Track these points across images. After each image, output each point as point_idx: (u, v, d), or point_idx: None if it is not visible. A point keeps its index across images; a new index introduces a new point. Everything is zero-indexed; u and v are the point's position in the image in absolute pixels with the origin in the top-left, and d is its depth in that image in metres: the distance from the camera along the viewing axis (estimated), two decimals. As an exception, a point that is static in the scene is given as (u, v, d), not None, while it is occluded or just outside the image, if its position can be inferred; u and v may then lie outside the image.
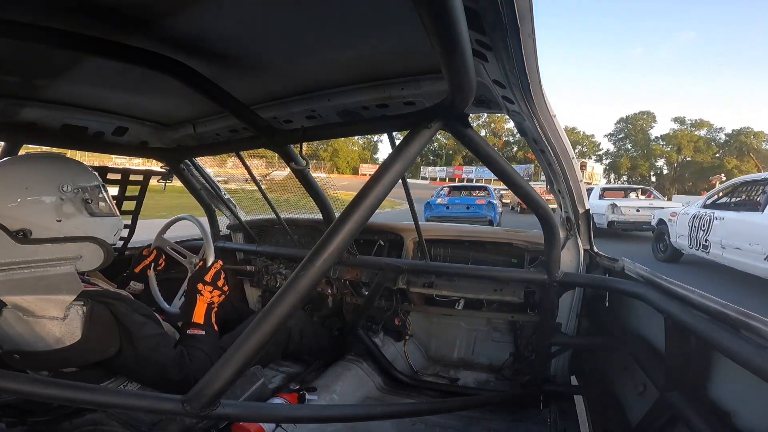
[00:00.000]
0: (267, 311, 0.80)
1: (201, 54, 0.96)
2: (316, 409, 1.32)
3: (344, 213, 0.84)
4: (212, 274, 1.38)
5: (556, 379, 1.80)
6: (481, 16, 0.62)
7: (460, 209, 10.89)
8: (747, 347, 0.78)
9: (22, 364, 1.01)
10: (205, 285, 1.35)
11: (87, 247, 1.10)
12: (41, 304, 0.97)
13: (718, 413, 0.92)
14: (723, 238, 5.07)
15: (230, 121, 1.45)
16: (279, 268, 2.16)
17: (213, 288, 1.36)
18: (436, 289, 1.77)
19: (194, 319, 1.31)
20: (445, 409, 1.51)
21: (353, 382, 1.74)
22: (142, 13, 0.79)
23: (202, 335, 1.28)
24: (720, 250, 5.12)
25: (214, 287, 1.36)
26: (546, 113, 0.98)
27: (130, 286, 1.56)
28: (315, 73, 1.10)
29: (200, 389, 0.79)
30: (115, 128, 1.52)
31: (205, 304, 1.34)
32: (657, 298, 1.10)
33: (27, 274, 0.99)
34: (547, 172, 1.39)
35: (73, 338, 0.99)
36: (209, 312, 1.34)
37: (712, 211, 5.40)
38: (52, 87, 1.19)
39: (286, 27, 0.84)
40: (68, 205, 1.10)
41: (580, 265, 1.66)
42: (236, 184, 5.22)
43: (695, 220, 5.65)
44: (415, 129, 0.90)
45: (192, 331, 1.28)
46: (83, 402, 0.85)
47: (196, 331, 1.28)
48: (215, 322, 1.35)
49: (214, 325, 1.35)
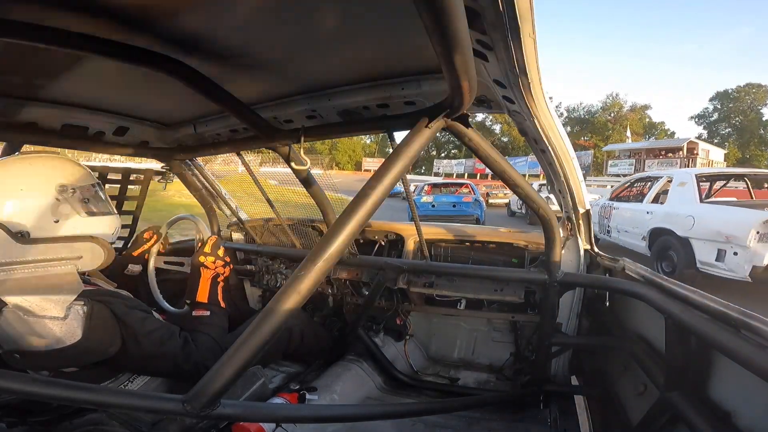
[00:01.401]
0: (267, 311, 0.80)
1: (201, 54, 0.95)
2: (317, 408, 1.31)
3: (345, 213, 0.84)
4: (211, 245, 1.36)
5: (557, 379, 1.80)
6: (481, 15, 0.62)
7: (446, 207, 10.35)
8: (748, 347, 0.78)
9: (23, 364, 1.01)
10: (206, 256, 1.33)
11: (87, 246, 1.10)
12: (42, 303, 0.97)
13: (719, 413, 0.92)
14: (618, 224, 6.43)
15: (231, 121, 1.45)
16: (279, 268, 2.16)
17: (215, 258, 1.34)
18: (437, 289, 1.77)
19: (198, 298, 1.28)
20: (446, 409, 1.51)
21: (353, 382, 1.74)
22: (142, 12, 0.79)
23: (206, 316, 1.26)
24: (617, 234, 6.49)
25: (216, 257, 1.34)
26: (547, 113, 0.98)
27: (128, 268, 1.56)
28: (315, 72, 1.10)
29: (200, 389, 0.79)
30: (116, 128, 1.52)
31: (209, 279, 1.31)
32: (657, 298, 1.10)
33: (27, 274, 0.99)
34: (548, 172, 1.39)
35: (74, 338, 0.99)
36: (214, 287, 1.31)
37: (612, 203, 6.79)
38: (52, 87, 1.19)
39: (287, 27, 0.84)
40: (65, 205, 1.10)
41: (581, 265, 1.66)
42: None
43: (602, 209, 6.97)
44: (415, 129, 0.90)
45: (197, 313, 1.26)
46: (83, 402, 0.85)
47: (201, 312, 1.26)
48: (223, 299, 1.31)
49: (221, 303, 1.30)
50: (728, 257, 4.11)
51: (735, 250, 4.04)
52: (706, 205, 4.80)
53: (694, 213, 4.60)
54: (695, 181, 4.97)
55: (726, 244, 4.13)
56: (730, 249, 4.09)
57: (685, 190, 5.03)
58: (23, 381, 0.80)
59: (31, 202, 1.05)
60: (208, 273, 1.31)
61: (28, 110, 1.27)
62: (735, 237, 4.02)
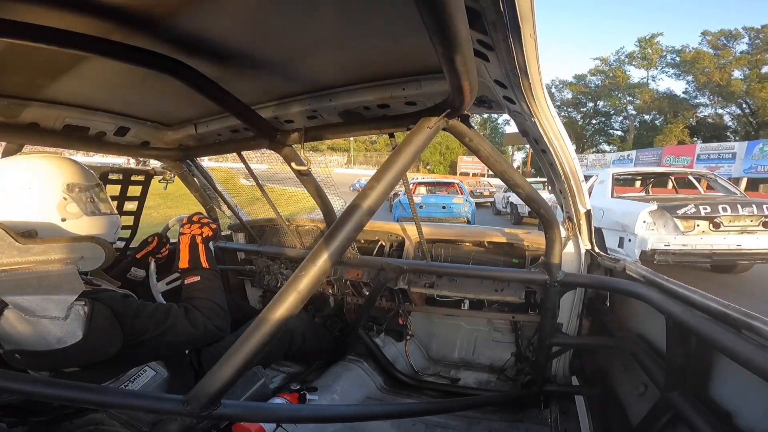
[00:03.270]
0: (268, 311, 0.80)
1: (202, 54, 0.96)
2: (317, 409, 1.31)
3: (345, 213, 0.84)
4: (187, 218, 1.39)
5: (557, 380, 1.80)
6: (482, 15, 0.62)
7: (435, 209, 9.49)
8: (748, 347, 0.78)
9: (23, 364, 1.01)
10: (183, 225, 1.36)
11: (88, 247, 1.10)
12: (43, 303, 0.97)
13: (720, 413, 0.92)
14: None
15: (231, 122, 1.45)
16: (280, 269, 2.16)
17: (190, 224, 1.36)
18: (437, 289, 1.77)
19: (180, 264, 1.29)
20: (446, 410, 1.51)
21: (354, 382, 1.74)
22: (143, 13, 0.79)
23: (197, 282, 1.27)
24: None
25: (191, 222, 1.36)
26: (547, 113, 0.98)
27: (131, 272, 1.57)
28: (316, 73, 1.10)
29: (201, 389, 0.79)
30: (117, 128, 1.52)
31: (188, 244, 1.32)
32: (658, 298, 1.10)
33: (29, 274, 0.99)
34: (549, 172, 1.39)
35: (75, 338, 0.99)
36: (194, 250, 1.31)
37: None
38: (53, 87, 1.19)
39: (288, 27, 0.84)
40: (72, 204, 1.11)
41: (581, 265, 1.66)
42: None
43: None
44: (416, 129, 0.90)
45: (188, 281, 1.27)
46: (84, 402, 0.85)
47: (191, 279, 1.27)
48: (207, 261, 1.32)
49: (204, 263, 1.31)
50: (625, 243, 4.78)
51: (629, 237, 4.68)
52: (614, 200, 5.43)
53: (604, 206, 5.24)
54: (611, 179, 5.65)
55: (623, 233, 4.80)
56: (626, 236, 4.74)
57: (602, 187, 5.68)
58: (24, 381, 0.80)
59: (39, 200, 1.06)
60: (186, 238, 1.33)
61: (29, 110, 1.27)
62: (627, 226, 4.66)
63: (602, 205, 5.30)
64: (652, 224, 4.50)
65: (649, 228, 4.50)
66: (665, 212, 4.44)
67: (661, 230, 4.51)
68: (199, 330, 1.18)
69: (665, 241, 4.43)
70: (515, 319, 1.82)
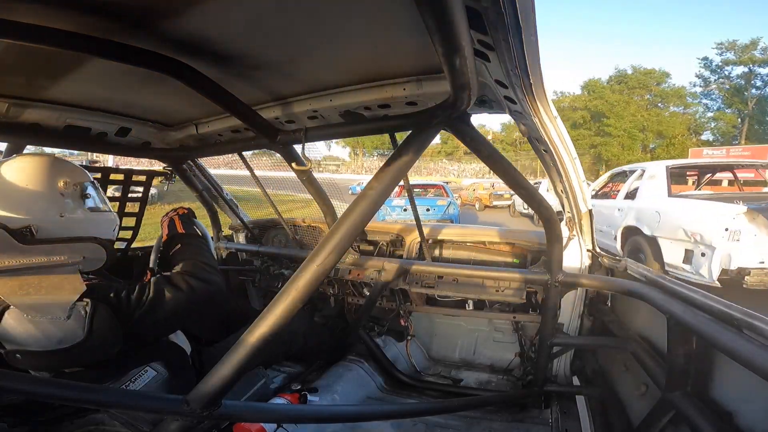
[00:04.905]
0: (268, 311, 0.80)
1: (203, 55, 0.96)
2: (318, 409, 1.32)
3: (346, 213, 0.84)
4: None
5: (558, 380, 1.80)
6: (482, 15, 0.62)
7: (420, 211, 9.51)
8: (749, 347, 0.78)
9: (25, 364, 1.01)
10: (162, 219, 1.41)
11: (89, 247, 1.11)
12: (44, 304, 0.97)
13: (721, 413, 0.92)
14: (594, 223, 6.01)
15: (232, 122, 1.45)
16: (281, 269, 2.16)
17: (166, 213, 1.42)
18: (438, 290, 1.77)
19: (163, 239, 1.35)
20: (447, 410, 1.51)
21: (354, 382, 1.74)
22: (144, 14, 0.80)
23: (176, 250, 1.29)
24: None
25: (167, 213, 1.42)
26: (549, 113, 0.98)
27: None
28: (317, 73, 1.10)
29: (202, 389, 0.79)
30: (118, 129, 1.52)
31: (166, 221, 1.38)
32: (659, 298, 1.10)
33: (30, 275, 0.99)
34: (550, 172, 1.39)
35: (76, 338, 0.99)
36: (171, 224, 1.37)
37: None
38: (55, 88, 1.19)
39: (288, 27, 0.84)
40: (69, 200, 1.12)
41: (582, 265, 1.66)
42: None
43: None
44: (417, 129, 0.90)
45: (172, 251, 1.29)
46: (85, 402, 0.85)
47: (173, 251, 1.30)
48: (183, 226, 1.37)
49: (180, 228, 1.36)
50: (696, 258, 3.53)
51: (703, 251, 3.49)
52: (673, 199, 4.20)
53: (660, 209, 4.04)
54: (666, 174, 4.40)
55: (693, 244, 3.58)
56: (698, 249, 3.54)
57: (654, 183, 4.46)
58: (25, 381, 0.80)
59: (36, 197, 1.07)
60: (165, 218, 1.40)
61: (31, 111, 1.28)
62: (701, 235, 3.48)
63: (656, 206, 4.14)
64: (738, 233, 3.26)
65: (734, 238, 3.28)
66: (760, 216, 3.21)
67: (751, 241, 3.23)
68: (184, 290, 1.15)
69: (761, 256, 3.24)
70: (516, 319, 1.81)
